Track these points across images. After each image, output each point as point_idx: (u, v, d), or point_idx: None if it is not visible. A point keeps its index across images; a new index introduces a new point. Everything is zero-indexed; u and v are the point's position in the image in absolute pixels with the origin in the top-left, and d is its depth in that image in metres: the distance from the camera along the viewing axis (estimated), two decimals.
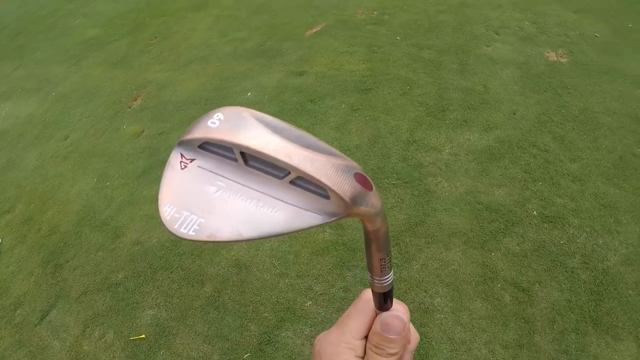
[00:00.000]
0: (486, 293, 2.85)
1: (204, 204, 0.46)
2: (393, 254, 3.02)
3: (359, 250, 3.07)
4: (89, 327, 3.06)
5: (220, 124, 0.45)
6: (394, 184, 3.44)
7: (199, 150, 0.47)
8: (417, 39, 5.05)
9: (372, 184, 0.45)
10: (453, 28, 5.23)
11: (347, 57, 4.78)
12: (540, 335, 2.66)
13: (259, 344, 2.79)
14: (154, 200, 3.64)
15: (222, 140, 0.45)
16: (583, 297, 2.81)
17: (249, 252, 3.22)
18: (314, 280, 2.98)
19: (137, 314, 3.05)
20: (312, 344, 2.57)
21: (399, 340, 0.55)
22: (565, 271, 2.93)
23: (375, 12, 5.74)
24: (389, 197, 3.35)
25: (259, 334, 2.84)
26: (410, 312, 2.58)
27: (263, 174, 0.45)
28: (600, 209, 3.17)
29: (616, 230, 3.09)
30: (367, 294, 0.57)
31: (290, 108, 4.10)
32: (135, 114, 4.93)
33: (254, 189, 0.45)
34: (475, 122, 3.91)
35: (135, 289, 3.19)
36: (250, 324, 2.89)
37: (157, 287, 3.17)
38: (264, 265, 3.13)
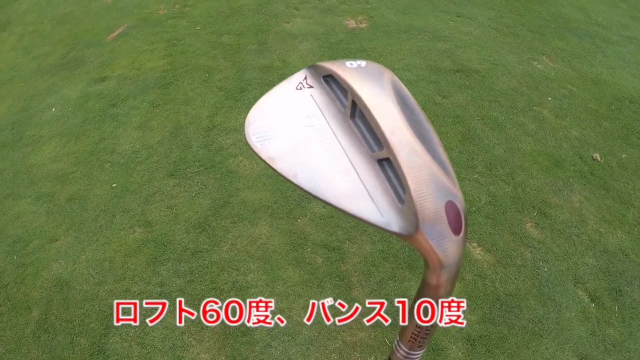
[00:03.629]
0: (297, 260, 2.96)
1: (289, 129, 0.44)
2: (200, 240, 3.14)
3: (169, 243, 3.16)
4: None
5: (356, 68, 0.42)
6: (196, 171, 3.54)
7: (322, 81, 0.46)
8: (217, 26, 5.16)
9: (464, 228, 0.37)
10: (253, 10, 5.39)
11: (147, 55, 4.77)
12: (357, 289, 2.79)
13: (90, 355, 2.81)
14: None
15: (344, 81, 0.41)
16: (396, 245, 2.95)
17: (67, 268, 3.20)
18: (131, 282, 3.04)
19: None
20: (139, 344, 2.62)
21: None
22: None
23: (177, 6, 5.75)
24: (192, 186, 3.45)
25: (89, 345, 2.85)
26: (226, 293, 2.76)
27: (359, 136, 0.41)
28: None
29: None
30: None
31: (94, 116, 4.03)
32: None
33: (340, 145, 0.41)
34: None
35: None
36: (79, 338, 2.90)
37: None
38: (82, 278, 3.13)
